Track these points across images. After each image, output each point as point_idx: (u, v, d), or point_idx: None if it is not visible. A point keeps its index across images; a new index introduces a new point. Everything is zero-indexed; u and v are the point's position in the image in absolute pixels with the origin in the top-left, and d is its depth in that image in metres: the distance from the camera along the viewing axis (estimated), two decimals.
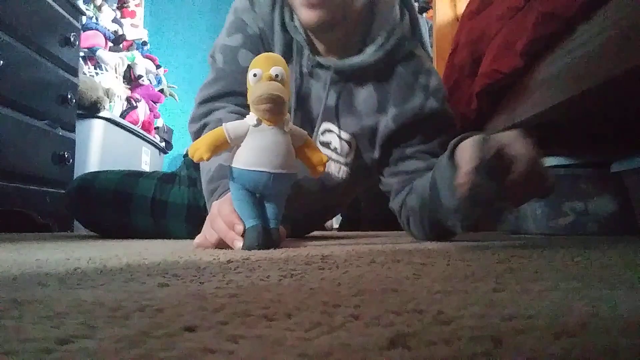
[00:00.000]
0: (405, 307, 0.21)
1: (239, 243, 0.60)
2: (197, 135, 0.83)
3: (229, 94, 0.85)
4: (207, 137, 0.59)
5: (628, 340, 0.16)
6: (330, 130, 0.86)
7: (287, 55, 0.83)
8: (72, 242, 0.86)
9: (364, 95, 0.85)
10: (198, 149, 0.58)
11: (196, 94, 0.89)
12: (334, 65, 0.82)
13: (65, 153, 1.59)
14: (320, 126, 0.85)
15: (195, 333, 0.17)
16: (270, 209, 0.62)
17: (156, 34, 3.39)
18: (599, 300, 0.23)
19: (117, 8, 2.72)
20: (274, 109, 0.58)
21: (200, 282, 0.30)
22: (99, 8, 2.44)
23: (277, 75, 0.58)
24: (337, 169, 0.88)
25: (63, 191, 1.57)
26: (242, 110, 0.81)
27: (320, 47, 0.85)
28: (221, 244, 0.64)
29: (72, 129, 1.69)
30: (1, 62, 1.27)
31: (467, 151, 0.52)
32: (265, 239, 0.60)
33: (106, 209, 1.02)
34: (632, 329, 0.17)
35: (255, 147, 0.58)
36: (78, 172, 1.73)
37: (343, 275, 0.34)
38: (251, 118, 0.59)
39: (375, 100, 0.85)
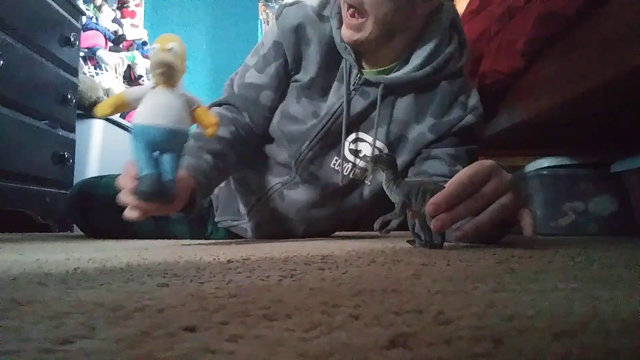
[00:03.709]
0: (405, 307, 0.21)
1: (130, 184, 0.64)
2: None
3: (224, 104, 0.94)
4: (109, 98, 0.68)
5: (628, 341, 0.16)
6: (362, 140, 0.91)
7: (324, 68, 0.90)
8: (72, 242, 0.86)
9: (403, 105, 0.90)
10: (101, 106, 0.66)
11: (196, 94, 0.92)
12: (384, 81, 0.87)
13: (65, 153, 1.59)
14: (349, 135, 0.91)
15: (195, 333, 0.17)
16: (166, 163, 0.66)
17: (156, 34, 3.38)
18: (599, 300, 0.23)
19: (117, 8, 2.72)
20: (166, 73, 0.66)
21: (200, 282, 0.30)
22: (99, 8, 2.44)
23: (170, 48, 0.66)
24: (362, 175, 0.94)
25: (63, 191, 1.57)
26: (227, 113, 0.91)
27: (365, 60, 0.91)
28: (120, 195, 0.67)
29: (72, 129, 1.69)
30: (1, 62, 1.27)
31: None
32: (158, 187, 0.64)
33: (107, 214, 1.02)
34: (632, 329, 0.17)
35: (150, 105, 0.66)
36: (78, 172, 1.73)
37: (343, 275, 0.34)
38: (150, 82, 0.68)
39: (414, 110, 0.90)
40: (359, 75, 0.89)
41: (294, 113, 0.93)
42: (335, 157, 0.93)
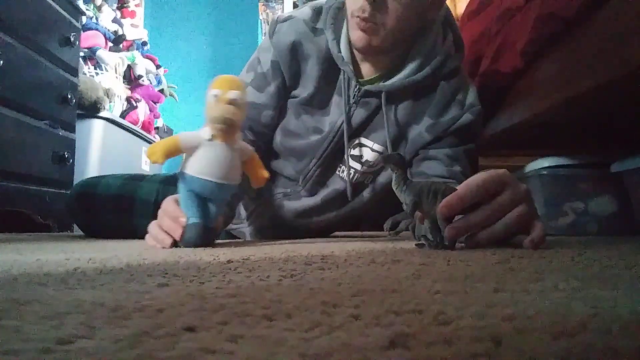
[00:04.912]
0: (405, 307, 0.21)
1: (178, 232, 0.64)
2: None
3: None
4: (163, 143, 0.67)
5: (628, 340, 0.16)
6: (364, 145, 0.92)
7: (323, 83, 0.89)
8: (72, 242, 0.86)
9: (404, 107, 0.89)
10: (154, 152, 0.65)
11: (196, 94, 0.93)
12: (384, 89, 0.86)
13: (65, 153, 1.59)
14: (352, 142, 0.91)
15: (195, 333, 0.17)
16: (211, 211, 0.68)
17: (156, 34, 3.39)
18: (599, 300, 0.23)
19: (117, 8, 2.72)
20: (227, 130, 0.65)
21: (200, 282, 0.30)
22: (99, 8, 2.44)
23: (234, 99, 0.65)
24: (365, 178, 0.94)
25: (63, 191, 1.57)
26: None
27: (364, 67, 0.90)
28: (161, 240, 0.67)
29: (72, 129, 1.69)
30: (1, 62, 1.27)
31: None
32: (204, 236, 0.65)
33: (108, 214, 1.02)
34: (632, 329, 0.17)
35: (205, 158, 0.65)
36: (78, 172, 1.73)
37: (343, 275, 0.34)
38: (206, 132, 0.66)
39: (412, 112, 0.89)
40: (358, 87, 0.87)
41: (295, 129, 0.92)
42: (340, 165, 0.93)
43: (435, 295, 0.25)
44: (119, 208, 1.02)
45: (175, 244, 0.66)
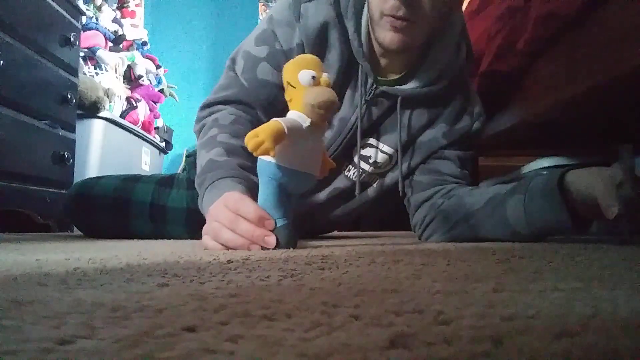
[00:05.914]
0: (405, 307, 0.21)
1: (272, 240, 0.57)
2: (198, 135, 0.85)
3: (233, 102, 0.85)
4: (268, 130, 0.53)
5: (628, 340, 0.16)
6: (372, 145, 0.92)
7: (341, 77, 0.86)
8: (72, 242, 0.86)
9: (417, 113, 0.91)
10: (263, 146, 0.54)
11: (196, 94, 0.91)
12: (401, 94, 0.86)
13: (65, 153, 1.59)
14: (363, 141, 0.90)
15: (195, 333, 0.17)
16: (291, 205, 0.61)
17: (156, 34, 3.39)
18: (599, 300, 0.23)
19: (117, 8, 2.72)
20: (328, 116, 0.58)
21: (200, 282, 0.30)
22: (99, 8, 2.44)
23: (329, 84, 0.59)
24: (371, 179, 0.94)
25: (63, 191, 1.57)
26: (242, 114, 0.83)
27: (380, 63, 0.87)
28: (241, 247, 0.58)
29: (72, 129, 1.69)
30: (1, 62, 1.27)
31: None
32: (295, 236, 0.59)
33: (105, 215, 1.02)
34: (632, 329, 0.17)
35: (306, 149, 0.57)
36: (78, 172, 1.73)
37: (343, 275, 0.34)
38: (303, 119, 0.56)
39: (426, 117, 0.91)
40: (375, 86, 0.86)
41: None
42: (346, 164, 0.93)
43: (435, 295, 0.25)
44: (115, 210, 1.02)
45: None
